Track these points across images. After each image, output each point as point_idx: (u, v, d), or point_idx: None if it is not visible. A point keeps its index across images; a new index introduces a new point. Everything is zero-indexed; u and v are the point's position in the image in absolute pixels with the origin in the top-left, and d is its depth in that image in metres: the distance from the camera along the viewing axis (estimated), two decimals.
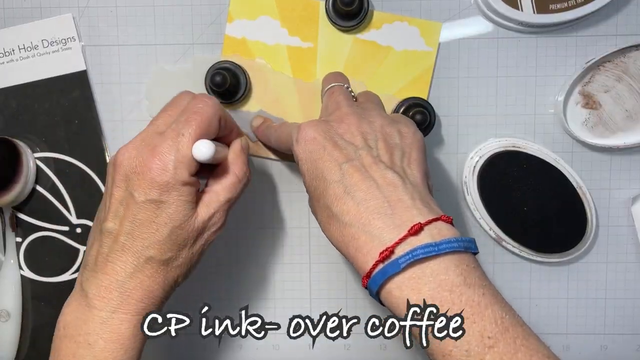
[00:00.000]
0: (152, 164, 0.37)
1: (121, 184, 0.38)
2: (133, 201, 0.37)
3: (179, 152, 0.37)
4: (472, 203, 0.50)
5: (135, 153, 0.37)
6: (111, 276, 0.37)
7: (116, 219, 0.38)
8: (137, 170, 0.37)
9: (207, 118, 0.38)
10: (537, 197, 0.49)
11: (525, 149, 0.49)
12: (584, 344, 0.53)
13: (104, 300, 0.37)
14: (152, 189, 0.37)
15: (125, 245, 0.37)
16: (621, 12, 0.50)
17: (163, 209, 0.37)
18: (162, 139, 0.37)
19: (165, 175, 0.36)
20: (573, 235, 0.50)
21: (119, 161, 0.38)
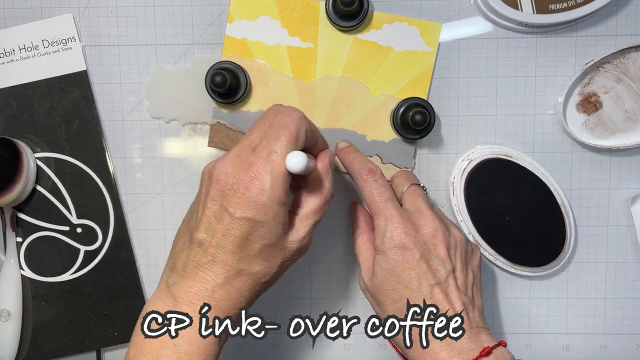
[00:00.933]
0: (249, 184, 0.37)
1: (217, 198, 0.38)
2: (228, 216, 0.38)
3: (274, 170, 0.37)
4: (456, 205, 0.50)
5: (232, 170, 0.38)
6: (201, 285, 0.39)
7: (209, 230, 0.39)
8: (234, 188, 0.38)
9: (295, 131, 0.39)
10: (520, 209, 0.49)
11: (516, 160, 0.49)
12: (584, 343, 0.53)
13: (191, 305, 0.39)
14: (249, 208, 0.37)
15: (216, 257, 0.38)
16: (621, 12, 0.50)
17: (257, 228, 0.38)
18: (256, 157, 0.38)
19: (263, 196, 0.37)
20: (549, 252, 0.50)
21: (215, 175, 0.38)
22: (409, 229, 0.42)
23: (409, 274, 0.42)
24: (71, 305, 0.53)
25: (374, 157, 0.51)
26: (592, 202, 0.52)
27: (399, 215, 0.43)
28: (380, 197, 0.44)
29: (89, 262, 0.52)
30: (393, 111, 0.49)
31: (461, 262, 0.43)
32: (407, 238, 0.42)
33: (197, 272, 0.39)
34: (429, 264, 0.42)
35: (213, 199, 0.38)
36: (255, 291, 0.40)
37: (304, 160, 0.37)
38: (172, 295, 0.39)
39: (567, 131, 0.50)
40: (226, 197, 0.38)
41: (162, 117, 0.52)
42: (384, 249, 0.43)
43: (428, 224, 0.43)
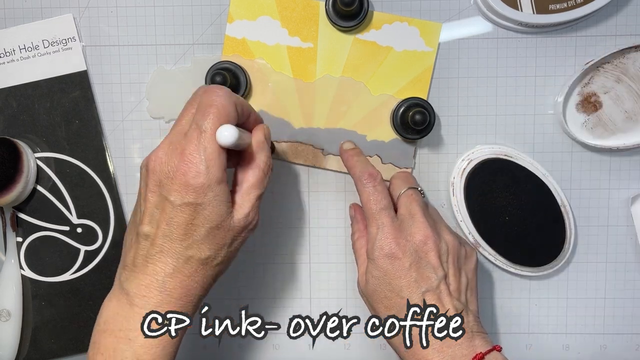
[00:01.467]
0: (184, 168, 0.37)
1: (155, 188, 0.38)
2: (169, 205, 0.38)
3: (206, 150, 0.37)
4: (456, 205, 0.50)
5: (165, 159, 0.38)
6: (151, 276, 0.38)
7: (152, 222, 0.39)
8: (170, 175, 0.37)
9: (222, 107, 0.38)
10: (520, 209, 0.49)
11: (516, 159, 0.49)
12: (584, 343, 0.53)
13: (144, 298, 0.38)
14: (187, 193, 0.37)
15: (163, 247, 0.38)
16: (621, 12, 0.50)
17: (199, 211, 0.38)
18: (188, 140, 0.38)
19: (199, 178, 0.37)
20: (548, 252, 0.50)
21: (151, 167, 0.39)
22: (399, 239, 0.43)
23: (399, 282, 0.43)
24: (71, 305, 0.53)
25: (374, 157, 0.51)
26: (592, 202, 0.52)
27: (391, 225, 0.44)
28: (375, 204, 0.44)
29: (89, 262, 0.52)
30: (393, 111, 0.49)
31: (454, 267, 0.44)
32: (396, 247, 0.43)
33: (146, 264, 0.39)
34: (419, 271, 0.43)
35: (152, 191, 0.38)
36: (209, 276, 0.40)
37: (234, 133, 0.36)
38: (125, 291, 0.39)
39: (567, 131, 0.50)
40: (164, 186, 0.38)
41: (162, 117, 0.52)
42: (374, 258, 0.44)
43: (419, 231, 0.43)
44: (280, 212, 0.53)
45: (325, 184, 0.52)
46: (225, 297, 0.53)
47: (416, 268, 0.43)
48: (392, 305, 0.43)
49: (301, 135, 0.51)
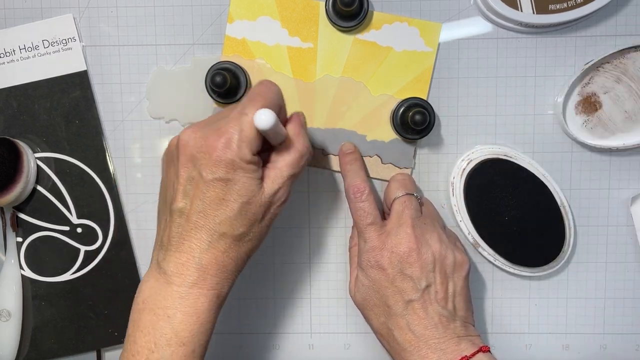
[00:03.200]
0: (217, 143, 0.38)
1: (188, 164, 0.39)
2: (202, 180, 0.38)
3: (243, 131, 0.38)
4: (456, 205, 0.50)
5: (200, 134, 0.39)
6: (188, 254, 0.39)
7: (186, 198, 0.39)
8: (204, 150, 0.38)
9: (270, 98, 0.40)
10: (519, 209, 0.49)
11: (516, 160, 0.49)
12: (584, 343, 0.53)
13: (182, 276, 0.39)
14: (219, 167, 0.38)
15: (198, 223, 0.39)
16: (620, 12, 0.50)
17: (231, 186, 0.38)
18: (227, 121, 0.39)
19: (229, 153, 0.38)
20: (548, 252, 0.50)
21: (183, 142, 0.39)
22: (384, 251, 0.45)
23: (385, 292, 0.44)
24: (71, 305, 0.53)
25: (374, 157, 0.51)
26: (592, 202, 0.52)
27: (377, 239, 0.45)
28: (361, 220, 0.46)
29: (89, 262, 0.52)
30: (393, 111, 0.49)
31: (441, 276, 0.45)
32: (382, 260, 0.45)
33: (182, 242, 0.39)
34: (403, 282, 0.44)
35: (185, 166, 0.39)
36: (242, 252, 0.41)
37: (272, 117, 0.37)
38: (163, 270, 0.40)
39: (567, 131, 0.50)
40: (197, 160, 0.39)
41: (162, 117, 0.52)
42: (363, 267, 0.46)
43: (404, 244, 0.44)
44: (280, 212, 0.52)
45: (325, 184, 0.52)
46: None
47: (401, 279, 0.44)
48: (381, 313, 0.45)
49: None
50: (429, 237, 0.45)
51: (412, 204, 0.46)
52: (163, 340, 0.39)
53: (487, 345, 0.43)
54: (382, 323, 0.45)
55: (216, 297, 0.40)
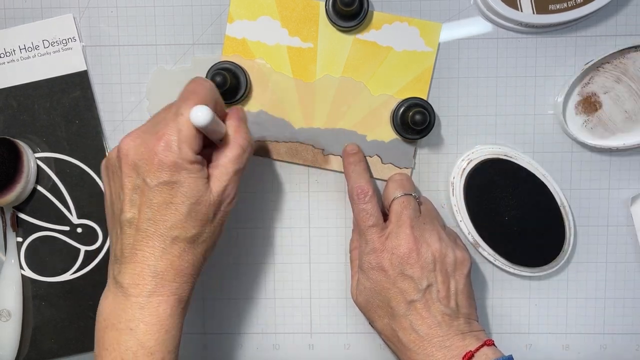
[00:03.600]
0: (156, 147, 0.38)
1: (131, 173, 0.39)
2: (147, 187, 0.38)
3: (181, 132, 0.38)
4: (456, 205, 0.50)
5: (139, 141, 0.38)
6: (142, 263, 0.39)
7: (134, 207, 0.39)
8: (145, 156, 0.38)
9: (203, 95, 0.40)
10: (519, 209, 0.49)
11: (516, 160, 0.49)
12: (584, 343, 0.53)
13: (138, 287, 0.39)
14: (162, 172, 0.38)
15: (148, 231, 0.38)
16: (621, 12, 0.50)
17: (177, 189, 0.38)
18: (165, 124, 0.39)
19: (170, 156, 0.37)
20: (548, 252, 0.50)
21: (124, 151, 0.39)
22: (384, 252, 0.45)
23: (387, 293, 0.45)
24: (71, 305, 0.53)
25: (374, 157, 0.51)
26: (592, 202, 0.52)
27: (377, 241, 0.45)
28: (364, 222, 0.46)
29: (89, 262, 0.52)
30: (393, 111, 0.49)
31: (442, 275, 0.45)
32: (382, 261, 0.45)
33: (135, 252, 0.39)
34: (404, 283, 0.44)
35: (129, 175, 0.39)
36: (198, 254, 0.40)
37: (209, 112, 0.36)
38: (119, 284, 0.39)
39: (567, 131, 0.50)
40: (139, 168, 0.38)
41: None
42: (364, 269, 0.46)
43: (404, 244, 0.45)
44: (280, 212, 0.53)
45: (325, 184, 0.52)
46: (225, 297, 0.53)
47: (401, 280, 0.44)
48: (385, 314, 0.45)
49: (301, 135, 0.51)
50: (428, 236, 0.45)
51: (410, 204, 0.47)
52: (129, 354, 0.38)
53: (491, 339, 0.43)
54: (386, 324, 0.45)
55: (177, 302, 0.39)
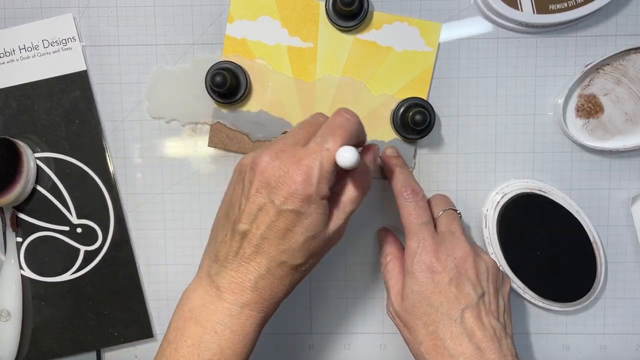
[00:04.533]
0: (297, 176, 0.37)
1: (262, 190, 0.38)
2: (272, 208, 0.38)
3: (323, 167, 0.38)
4: (488, 237, 0.50)
5: (279, 163, 0.38)
6: (245, 275, 0.39)
7: (253, 222, 0.39)
8: (282, 181, 0.38)
9: (350, 132, 0.39)
10: (552, 245, 0.49)
11: (550, 195, 0.49)
12: (584, 343, 0.53)
13: (235, 295, 0.39)
14: (294, 200, 0.38)
15: (260, 248, 0.39)
16: (621, 12, 0.50)
17: (301, 220, 0.38)
18: (306, 152, 0.38)
19: (309, 189, 0.37)
20: (578, 289, 0.50)
21: (261, 168, 0.39)
22: (439, 253, 0.43)
23: (438, 297, 0.43)
24: (71, 305, 0.53)
25: None
26: (592, 202, 0.52)
27: (432, 239, 0.44)
28: (417, 219, 0.45)
29: (89, 262, 0.52)
30: (393, 111, 0.49)
31: (493, 287, 0.44)
32: (437, 262, 0.43)
33: (240, 263, 0.39)
34: (459, 287, 0.43)
35: (258, 191, 0.39)
36: (295, 280, 0.41)
37: (356, 156, 0.37)
38: (215, 284, 0.40)
39: (567, 133, 0.50)
40: (272, 189, 0.38)
41: (162, 117, 0.52)
42: (414, 271, 0.44)
43: (460, 248, 0.44)
44: None
45: None
46: None
47: (456, 284, 0.43)
48: (432, 321, 0.43)
49: None
50: (478, 247, 0.46)
51: (457, 217, 0.47)
52: (207, 354, 0.39)
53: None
54: (431, 332, 0.42)
55: (263, 320, 0.41)
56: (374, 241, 0.53)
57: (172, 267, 0.53)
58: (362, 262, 0.53)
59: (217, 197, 0.52)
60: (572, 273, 0.50)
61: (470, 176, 0.52)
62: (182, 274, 0.53)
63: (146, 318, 0.53)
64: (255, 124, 0.51)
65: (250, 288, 0.39)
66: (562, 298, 0.50)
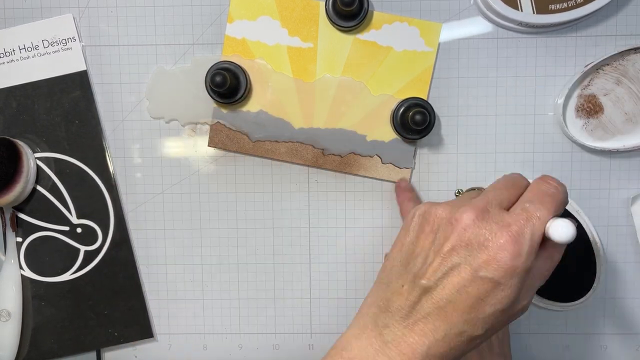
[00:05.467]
0: (506, 244, 0.34)
1: (460, 250, 0.35)
2: (469, 272, 0.34)
3: (533, 238, 0.34)
4: None
5: (483, 224, 0.35)
6: (418, 337, 0.35)
7: (440, 281, 0.35)
8: (486, 244, 0.34)
9: (560, 203, 0.36)
10: None
11: None
12: (584, 343, 0.53)
13: (402, 356, 0.35)
14: (497, 270, 0.34)
15: (441, 312, 0.35)
16: (621, 12, 0.50)
17: (498, 292, 0.34)
18: (515, 218, 0.35)
19: (517, 260, 0.34)
20: (578, 288, 0.50)
21: (463, 225, 0.35)
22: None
23: None
24: (71, 305, 0.53)
25: (374, 157, 0.51)
26: (592, 202, 0.52)
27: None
28: None
29: (89, 262, 0.52)
30: (393, 111, 0.49)
31: None
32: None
33: (417, 322, 0.36)
34: None
35: (454, 250, 0.35)
36: (464, 352, 0.37)
37: (573, 230, 0.34)
38: (383, 338, 0.36)
39: (567, 133, 0.50)
40: (473, 251, 0.35)
41: (162, 117, 0.52)
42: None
43: None
44: (280, 212, 0.53)
45: (325, 184, 0.52)
46: (225, 297, 0.53)
47: None
48: None
49: (301, 135, 0.51)
50: None
51: None
52: None
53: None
54: None
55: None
56: (374, 241, 0.53)
57: (172, 267, 0.53)
58: (363, 262, 0.53)
59: (217, 197, 0.52)
60: (572, 273, 0.50)
61: (470, 176, 0.52)
62: (182, 274, 0.53)
63: (146, 318, 0.53)
64: (255, 124, 0.51)
65: (421, 354, 0.35)
66: (562, 298, 0.50)
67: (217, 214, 0.52)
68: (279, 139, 0.51)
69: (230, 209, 0.52)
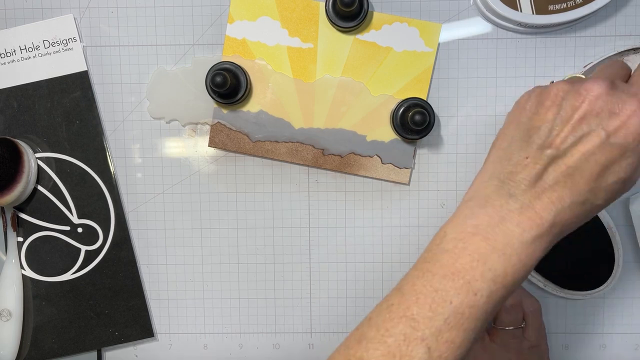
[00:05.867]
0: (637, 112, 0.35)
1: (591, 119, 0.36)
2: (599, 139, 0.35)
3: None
4: None
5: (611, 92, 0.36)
6: (546, 205, 0.35)
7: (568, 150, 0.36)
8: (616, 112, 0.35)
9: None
10: None
11: None
12: (583, 343, 0.53)
13: (531, 222, 0.35)
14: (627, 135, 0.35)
15: (568, 180, 0.36)
16: (620, 12, 0.50)
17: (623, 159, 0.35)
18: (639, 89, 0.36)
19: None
20: (598, 275, 0.50)
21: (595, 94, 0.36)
22: None
23: None
24: (72, 305, 0.53)
25: (374, 157, 0.51)
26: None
27: None
28: None
29: (89, 261, 0.52)
30: (393, 111, 0.50)
31: None
32: None
33: (544, 191, 0.36)
34: None
35: (584, 119, 0.36)
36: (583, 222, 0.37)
37: None
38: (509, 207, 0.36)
39: None
40: (603, 119, 0.35)
41: (162, 117, 0.52)
42: None
43: None
44: (280, 212, 0.53)
45: (325, 184, 0.52)
46: (225, 296, 0.53)
47: None
48: None
49: (301, 135, 0.51)
50: None
51: None
52: (490, 274, 0.35)
53: None
54: None
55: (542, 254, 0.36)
56: (374, 241, 0.53)
57: (172, 267, 0.53)
58: (363, 262, 0.53)
59: (217, 197, 0.52)
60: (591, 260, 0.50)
61: (470, 176, 0.52)
62: (183, 274, 0.53)
63: (146, 318, 0.53)
64: (256, 124, 0.51)
65: (548, 221, 0.35)
66: (582, 287, 0.50)
67: (217, 214, 0.53)
68: (279, 139, 0.51)
69: (230, 209, 0.53)
